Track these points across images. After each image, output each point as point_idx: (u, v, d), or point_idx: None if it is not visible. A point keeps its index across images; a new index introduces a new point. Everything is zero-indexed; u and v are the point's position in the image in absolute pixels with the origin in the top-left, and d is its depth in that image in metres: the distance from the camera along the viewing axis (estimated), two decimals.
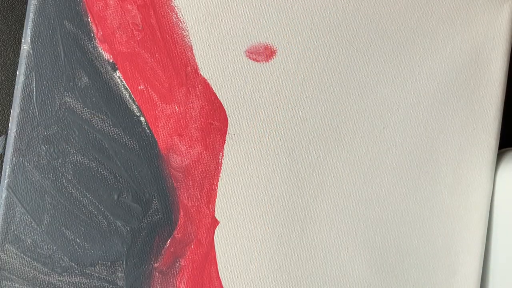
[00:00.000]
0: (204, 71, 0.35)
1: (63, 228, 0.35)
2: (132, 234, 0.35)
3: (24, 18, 0.36)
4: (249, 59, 0.36)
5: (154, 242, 0.35)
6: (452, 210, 0.37)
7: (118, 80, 0.35)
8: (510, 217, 0.36)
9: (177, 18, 0.35)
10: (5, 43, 0.37)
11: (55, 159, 0.34)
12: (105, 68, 0.35)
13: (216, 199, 0.36)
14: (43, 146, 0.34)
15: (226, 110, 0.36)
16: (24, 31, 0.35)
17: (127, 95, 0.35)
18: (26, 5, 0.35)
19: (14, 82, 0.37)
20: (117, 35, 0.35)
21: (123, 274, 0.35)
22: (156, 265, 0.35)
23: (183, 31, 0.35)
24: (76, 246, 0.35)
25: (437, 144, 0.37)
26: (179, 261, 0.35)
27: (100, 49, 0.35)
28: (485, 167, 0.37)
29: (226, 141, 0.36)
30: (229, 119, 0.36)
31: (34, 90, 0.34)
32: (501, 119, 0.37)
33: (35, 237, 0.34)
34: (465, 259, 0.37)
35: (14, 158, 0.34)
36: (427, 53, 0.37)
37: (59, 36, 0.34)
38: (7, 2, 0.37)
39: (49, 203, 0.34)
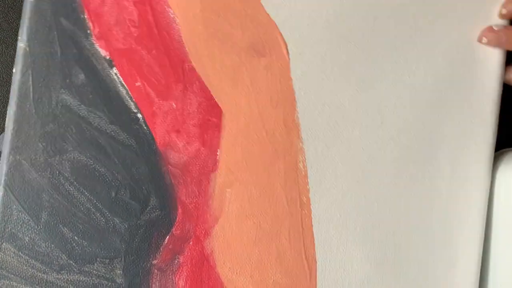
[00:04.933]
0: (200, 68, 0.35)
1: (60, 225, 0.34)
2: (130, 231, 0.35)
3: None
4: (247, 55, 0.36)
5: (152, 239, 0.35)
6: (451, 204, 0.37)
7: (115, 77, 0.35)
8: (510, 218, 0.36)
9: (174, 14, 0.35)
10: (6, 41, 0.37)
11: (52, 157, 0.34)
12: (102, 65, 0.35)
13: (214, 196, 0.35)
14: (40, 144, 0.34)
15: (223, 106, 0.36)
16: (20, 29, 0.35)
17: (124, 92, 0.35)
18: None
19: None
20: (113, 32, 0.35)
21: (121, 272, 0.34)
22: (154, 262, 0.35)
23: (180, 27, 0.35)
24: (74, 244, 0.34)
25: (435, 139, 0.37)
26: (178, 258, 0.35)
27: (96, 46, 0.35)
28: (483, 160, 0.37)
29: (223, 137, 0.36)
30: (226, 115, 0.36)
31: (31, 88, 0.34)
32: (498, 113, 0.37)
33: (33, 235, 0.34)
34: (464, 252, 0.37)
35: (11, 156, 0.34)
36: (424, 49, 0.37)
37: (55, 33, 0.34)
38: (9, 0, 0.37)
39: (46, 201, 0.34)
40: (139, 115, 0.35)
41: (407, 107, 0.36)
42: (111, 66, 0.35)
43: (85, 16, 0.34)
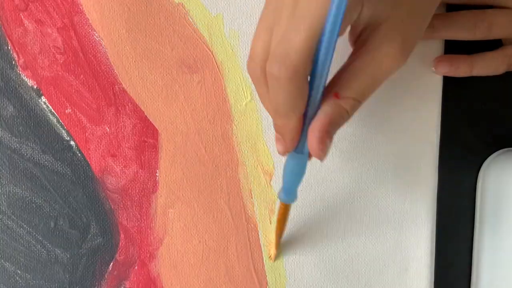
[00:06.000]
0: (131, 89, 0.35)
1: (2, 260, 0.34)
2: (72, 260, 0.34)
3: None
4: (178, 73, 0.35)
5: (96, 267, 0.34)
6: (398, 205, 0.36)
7: (44, 106, 0.34)
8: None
9: (100, 37, 0.34)
10: None
11: None
12: (30, 95, 0.34)
13: (157, 217, 0.35)
14: None
15: (159, 126, 0.35)
16: None
17: (55, 120, 0.34)
18: None
19: None
20: (39, 60, 0.34)
21: None
22: None
23: (107, 50, 0.34)
24: (17, 278, 0.34)
25: (377, 141, 0.36)
26: (124, 284, 0.35)
27: (23, 76, 0.34)
28: (428, 159, 0.36)
29: (161, 158, 0.35)
30: (162, 135, 0.35)
31: None
32: (440, 113, 0.37)
33: None
34: (416, 254, 0.36)
35: None
36: None
37: None
38: None
39: None
40: (72, 143, 0.34)
41: None
42: (39, 95, 0.34)
43: (9, 47, 0.34)
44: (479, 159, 0.38)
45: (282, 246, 0.36)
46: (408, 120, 0.36)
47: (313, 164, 0.36)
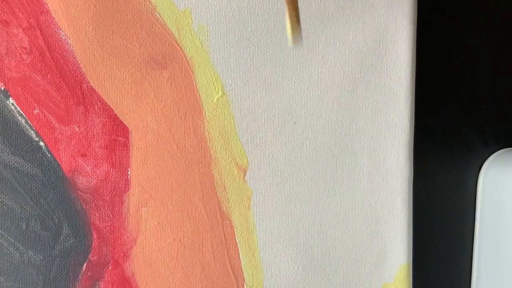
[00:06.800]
0: (99, 88, 0.34)
1: None
2: (45, 262, 0.34)
3: None
4: (149, 69, 0.35)
5: (69, 268, 0.34)
6: (373, 197, 0.36)
7: (12, 107, 0.34)
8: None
9: (66, 35, 0.34)
10: None
11: None
12: None
13: (130, 216, 0.35)
14: None
15: (129, 124, 0.35)
16: None
17: (23, 121, 0.34)
18: None
19: None
20: (5, 62, 0.34)
21: None
22: None
23: (73, 48, 0.34)
24: None
25: (350, 133, 0.36)
26: (98, 284, 0.34)
27: None
28: (401, 150, 0.36)
29: (133, 156, 0.35)
30: (133, 133, 0.35)
31: None
32: (413, 101, 0.36)
33: None
34: (393, 245, 0.36)
35: None
36: (330, 42, 0.36)
37: None
38: None
39: None
40: (41, 143, 0.34)
41: (318, 104, 0.36)
42: (7, 97, 0.34)
43: None
44: (480, 159, 0.38)
45: (258, 242, 0.36)
46: (381, 115, 0.36)
47: (286, 158, 0.35)
